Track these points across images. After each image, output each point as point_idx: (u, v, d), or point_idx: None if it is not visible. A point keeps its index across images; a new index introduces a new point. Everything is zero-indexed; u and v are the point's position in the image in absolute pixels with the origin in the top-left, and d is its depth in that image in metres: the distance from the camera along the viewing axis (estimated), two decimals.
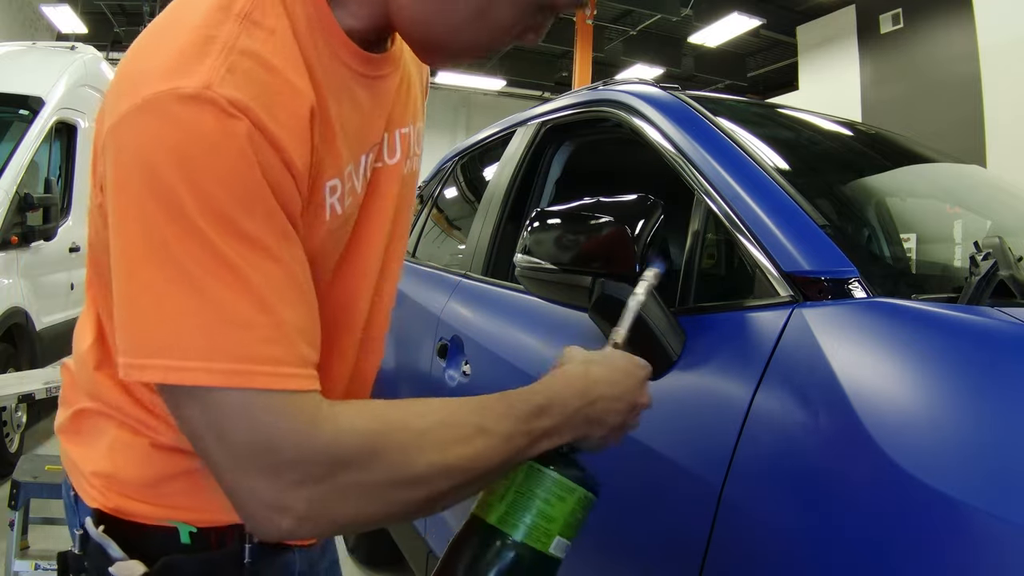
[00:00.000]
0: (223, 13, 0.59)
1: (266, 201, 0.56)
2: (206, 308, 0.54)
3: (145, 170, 0.54)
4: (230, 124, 0.54)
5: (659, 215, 1.03)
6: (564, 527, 0.69)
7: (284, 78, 0.59)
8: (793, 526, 0.82)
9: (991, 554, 0.65)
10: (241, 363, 0.54)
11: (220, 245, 0.54)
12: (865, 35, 9.43)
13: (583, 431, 0.71)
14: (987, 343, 0.83)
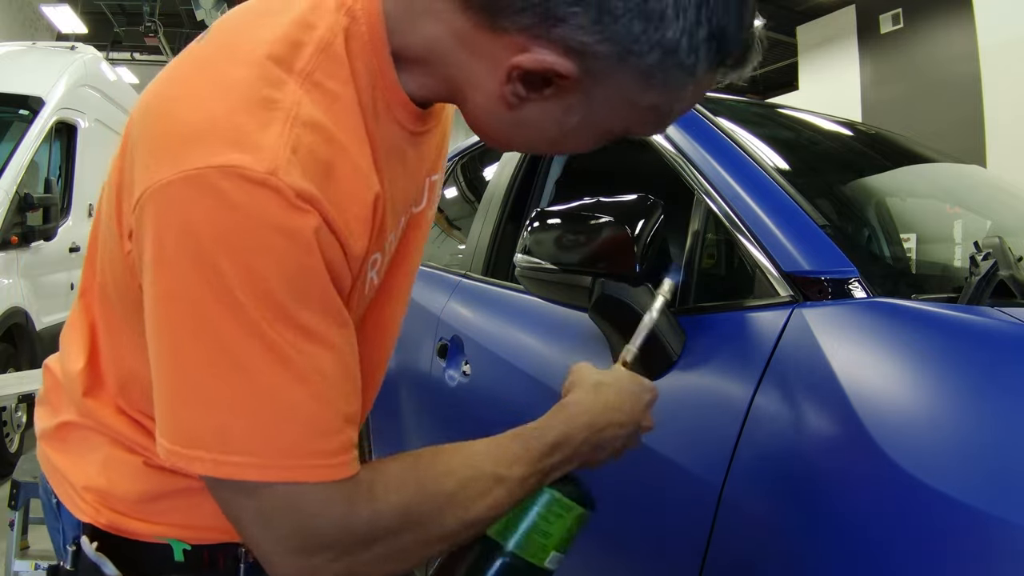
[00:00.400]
0: (283, 68, 0.55)
1: (326, 292, 0.54)
2: (258, 401, 0.52)
3: (197, 254, 0.50)
4: (297, 218, 0.51)
5: (659, 215, 1.03)
6: (559, 542, 0.71)
7: (350, 158, 0.56)
8: (793, 526, 0.82)
9: (991, 554, 0.65)
10: (292, 458, 0.53)
11: (275, 337, 0.51)
12: (865, 35, 9.43)
13: (589, 457, 0.72)
14: (987, 343, 0.83)
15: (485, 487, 0.62)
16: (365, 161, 0.57)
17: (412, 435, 2.12)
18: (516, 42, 0.55)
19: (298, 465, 0.53)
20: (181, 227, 0.50)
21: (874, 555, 0.72)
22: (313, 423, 0.53)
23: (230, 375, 0.51)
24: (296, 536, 0.54)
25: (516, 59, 0.55)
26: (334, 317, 0.55)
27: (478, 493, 0.62)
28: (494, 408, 1.61)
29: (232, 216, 0.50)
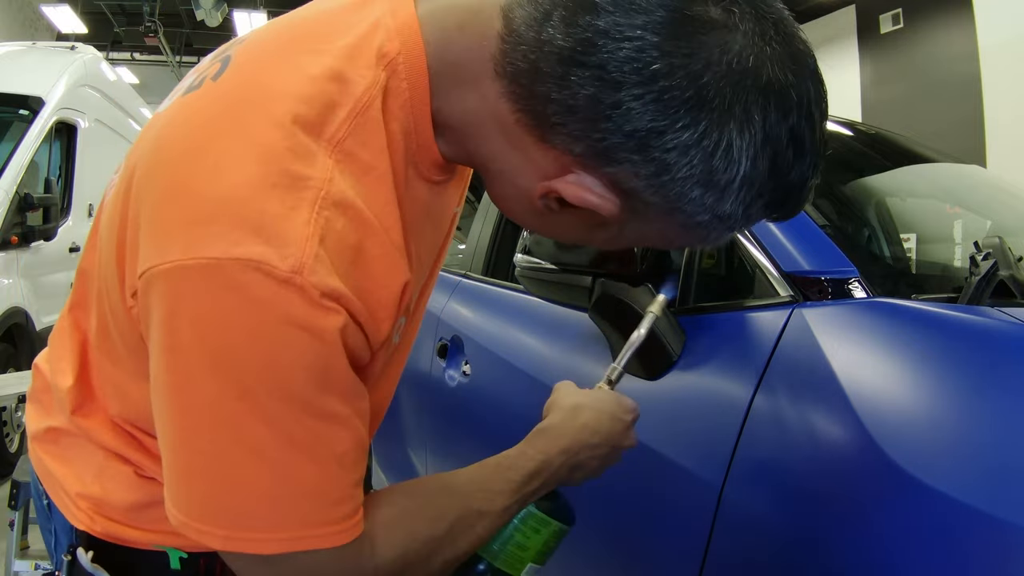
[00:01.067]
0: (313, 135, 0.50)
1: (346, 379, 0.53)
2: (274, 483, 0.52)
3: (215, 350, 0.49)
4: (322, 318, 0.49)
5: None
6: (537, 555, 0.72)
7: (380, 240, 0.53)
8: (793, 526, 0.82)
9: (991, 554, 0.65)
10: (306, 529, 0.53)
11: (294, 427, 0.51)
12: (865, 35, 9.43)
13: (566, 478, 0.73)
14: (987, 343, 0.83)
15: (470, 524, 0.63)
16: (396, 239, 0.54)
17: (412, 435, 2.12)
18: (562, 161, 0.53)
19: (312, 535, 0.53)
20: (196, 319, 0.48)
21: (874, 555, 0.72)
22: (326, 496, 0.53)
23: (246, 460, 0.51)
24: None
25: (557, 184, 0.54)
26: (351, 399, 0.54)
27: (463, 531, 0.63)
28: (494, 408, 1.61)
29: (253, 313, 0.47)
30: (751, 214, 0.55)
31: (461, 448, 1.81)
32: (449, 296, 2.03)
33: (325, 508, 0.53)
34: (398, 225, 0.54)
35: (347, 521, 0.54)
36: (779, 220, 0.60)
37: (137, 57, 14.46)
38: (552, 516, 0.73)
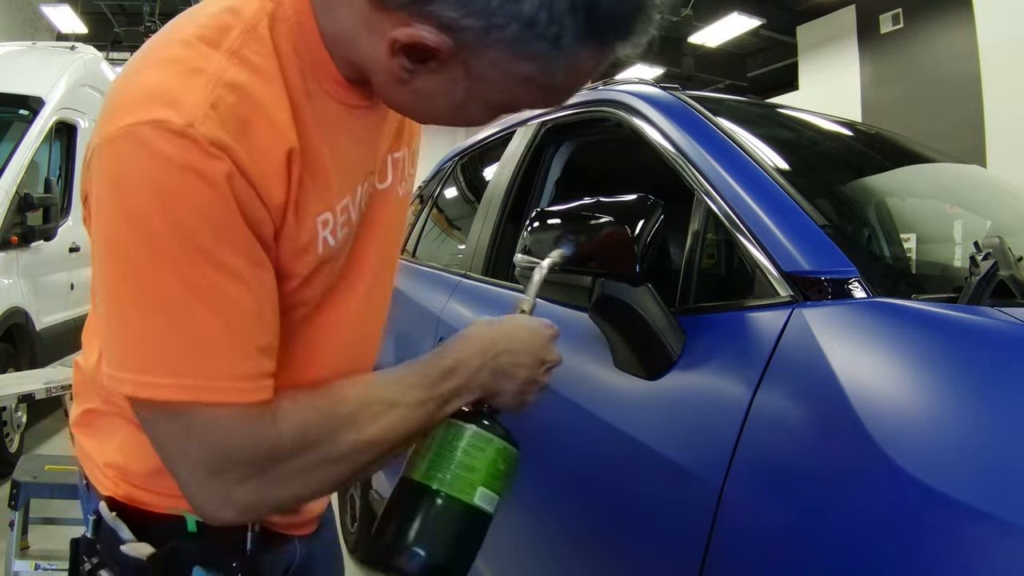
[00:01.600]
0: (212, 46, 0.61)
1: (241, 234, 0.59)
2: (178, 331, 0.58)
3: (124, 199, 0.57)
4: (211, 164, 0.57)
5: (659, 215, 1.03)
6: (487, 477, 0.73)
7: (267, 115, 0.61)
8: (793, 526, 0.82)
9: (991, 555, 0.65)
10: (208, 380, 0.59)
11: (194, 274, 0.57)
12: (865, 35, 9.43)
13: (492, 386, 0.76)
14: (987, 343, 0.83)
15: (379, 411, 0.68)
16: (283, 118, 0.62)
17: None
18: (399, 18, 0.60)
19: (213, 387, 0.59)
20: (114, 177, 0.58)
21: (874, 555, 0.72)
22: (229, 351, 0.59)
23: (154, 309, 0.58)
24: (208, 456, 0.61)
25: (394, 33, 0.60)
26: (249, 258, 0.60)
27: (372, 416, 0.67)
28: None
29: (156, 163, 0.56)
30: (561, 20, 0.58)
31: None
32: (449, 296, 2.03)
33: (227, 363, 0.59)
34: (286, 108, 0.63)
35: (249, 381, 0.60)
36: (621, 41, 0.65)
37: None
38: (492, 432, 0.75)
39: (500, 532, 1.57)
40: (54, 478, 2.38)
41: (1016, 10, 6.07)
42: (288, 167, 0.63)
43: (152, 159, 0.56)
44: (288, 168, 0.63)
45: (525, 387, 0.78)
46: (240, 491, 0.62)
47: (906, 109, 8.26)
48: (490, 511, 0.74)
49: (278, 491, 0.64)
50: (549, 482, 1.35)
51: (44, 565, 2.37)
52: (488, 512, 0.74)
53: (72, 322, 4.77)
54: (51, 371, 3.79)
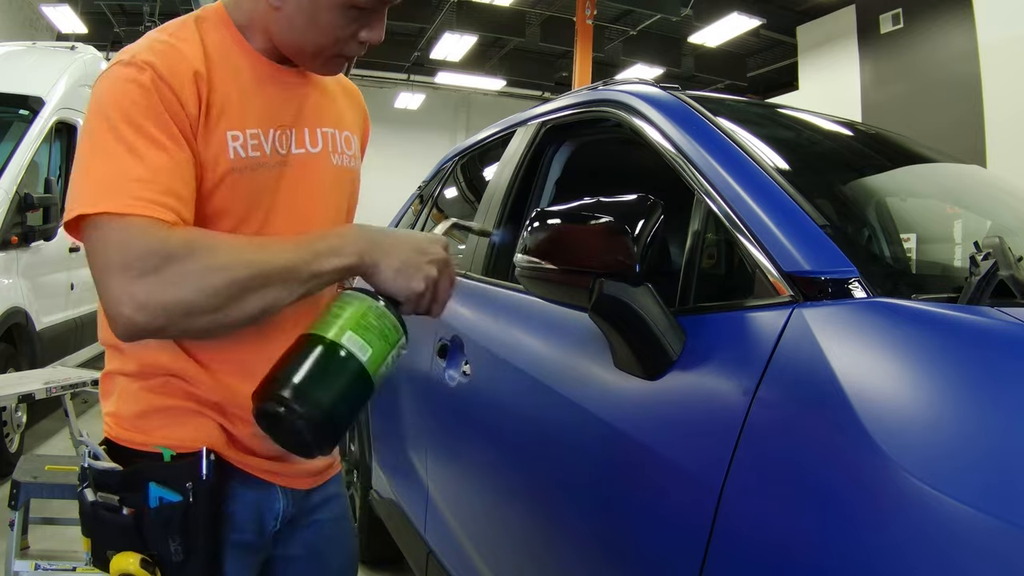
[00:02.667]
0: (160, 33, 0.95)
1: (162, 118, 0.87)
2: (113, 171, 0.83)
3: (96, 104, 0.88)
4: (142, 74, 0.87)
5: (659, 215, 1.03)
6: (354, 324, 0.85)
7: (182, 55, 0.91)
8: (793, 526, 0.82)
9: (991, 555, 0.65)
10: (123, 198, 0.81)
11: (129, 137, 0.84)
12: (865, 35, 9.43)
13: (368, 255, 0.90)
14: (987, 343, 0.83)
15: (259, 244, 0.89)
16: (194, 57, 0.92)
17: (412, 435, 2.12)
18: None
19: (126, 203, 0.81)
20: (94, 97, 0.89)
21: (874, 555, 0.72)
22: (145, 184, 0.83)
23: (100, 159, 0.84)
24: (118, 256, 0.81)
25: None
26: (168, 134, 0.87)
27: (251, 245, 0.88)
28: (494, 408, 1.61)
29: (114, 82, 0.88)
30: None
31: (461, 448, 1.81)
32: None
33: (139, 189, 0.82)
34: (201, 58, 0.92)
35: (155, 204, 0.82)
36: None
37: None
38: (365, 294, 0.88)
39: (500, 532, 1.58)
40: (54, 478, 2.38)
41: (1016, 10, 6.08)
42: (196, 84, 0.90)
43: (112, 79, 0.88)
44: (196, 84, 0.90)
45: (405, 268, 0.91)
46: (138, 286, 0.80)
47: (906, 109, 8.26)
48: (358, 357, 0.83)
49: (164, 291, 0.81)
50: (549, 482, 1.35)
51: (44, 565, 2.37)
52: (355, 356, 0.83)
53: (72, 322, 4.77)
54: (51, 371, 3.79)
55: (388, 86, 16.36)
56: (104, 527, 0.93)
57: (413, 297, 0.91)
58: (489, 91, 16.43)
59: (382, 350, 0.85)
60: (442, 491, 1.89)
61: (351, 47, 0.97)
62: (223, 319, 0.84)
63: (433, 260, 0.92)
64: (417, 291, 0.91)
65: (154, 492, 0.91)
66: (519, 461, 1.47)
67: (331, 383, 0.83)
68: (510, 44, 14.40)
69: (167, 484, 0.91)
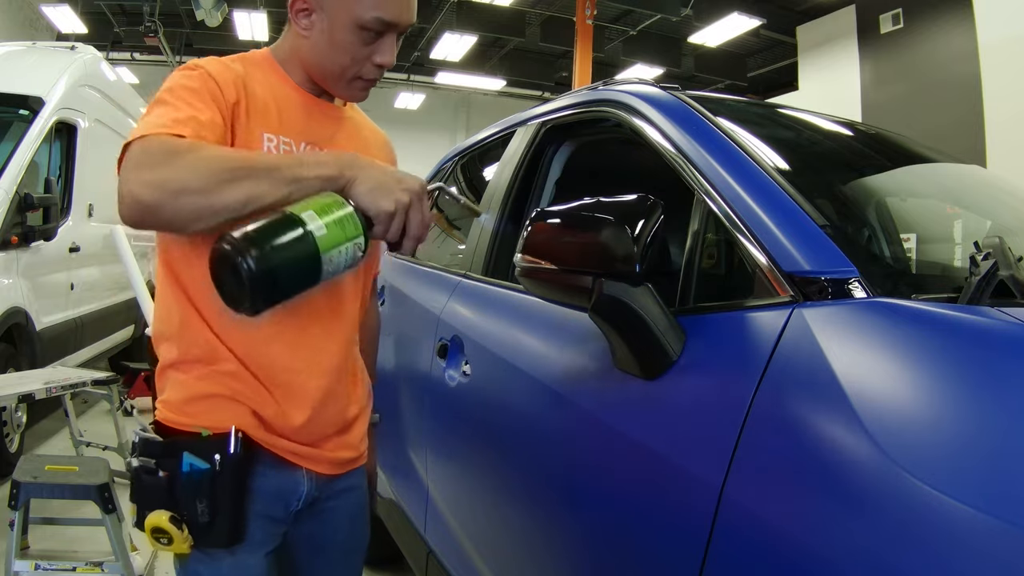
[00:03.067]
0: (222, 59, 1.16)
1: (204, 95, 1.06)
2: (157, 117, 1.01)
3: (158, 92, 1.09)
4: (193, 70, 1.10)
5: (659, 215, 1.03)
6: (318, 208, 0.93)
7: (229, 67, 1.12)
8: (793, 526, 0.82)
9: (991, 555, 0.65)
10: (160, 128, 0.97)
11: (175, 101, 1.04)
12: (865, 35, 9.43)
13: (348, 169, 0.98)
14: (987, 343, 0.83)
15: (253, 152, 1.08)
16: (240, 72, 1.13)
17: (412, 435, 2.12)
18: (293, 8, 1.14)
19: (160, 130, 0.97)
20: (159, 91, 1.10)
21: (874, 555, 0.72)
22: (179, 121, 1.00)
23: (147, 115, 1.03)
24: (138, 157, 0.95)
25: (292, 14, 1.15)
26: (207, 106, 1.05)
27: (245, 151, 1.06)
28: (494, 408, 1.61)
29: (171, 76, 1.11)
30: None
31: (461, 448, 1.81)
32: (449, 296, 2.03)
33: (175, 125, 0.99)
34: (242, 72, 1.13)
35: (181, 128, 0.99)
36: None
37: (137, 57, 14.45)
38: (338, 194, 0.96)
39: (500, 532, 1.58)
40: (54, 478, 2.38)
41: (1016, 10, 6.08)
42: (236, 86, 1.10)
43: (172, 76, 1.11)
44: (236, 86, 1.10)
45: (379, 187, 0.98)
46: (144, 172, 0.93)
47: (906, 109, 8.26)
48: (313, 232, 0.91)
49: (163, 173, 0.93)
50: (549, 482, 1.35)
51: (44, 565, 2.37)
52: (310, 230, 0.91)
53: (72, 322, 4.77)
54: (51, 371, 3.80)
55: (388, 86, 16.36)
56: (144, 489, 1.07)
57: (383, 216, 0.97)
58: (489, 91, 16.44)
59: (336, 236, 0.93)
60: (442, 491, 1.89)
61: (368, 69, 1.14)
62: (209, 202, 0.93)
63: (407, 189, 0.99)
64: (387, 210, 0.97)
65: (187, 460, 1.06)
66: (519, 461, 1.47)
67: (280, 244, 0.90)
68: (510, 44, 14.40)
69: (198, 454, 1.06)
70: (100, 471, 2.43)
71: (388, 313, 2.56)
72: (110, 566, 2.38)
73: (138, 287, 4.93)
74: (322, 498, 1.20)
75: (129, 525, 2.42)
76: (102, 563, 2.40)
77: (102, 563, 2.40)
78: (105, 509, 2.32)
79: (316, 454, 1.16)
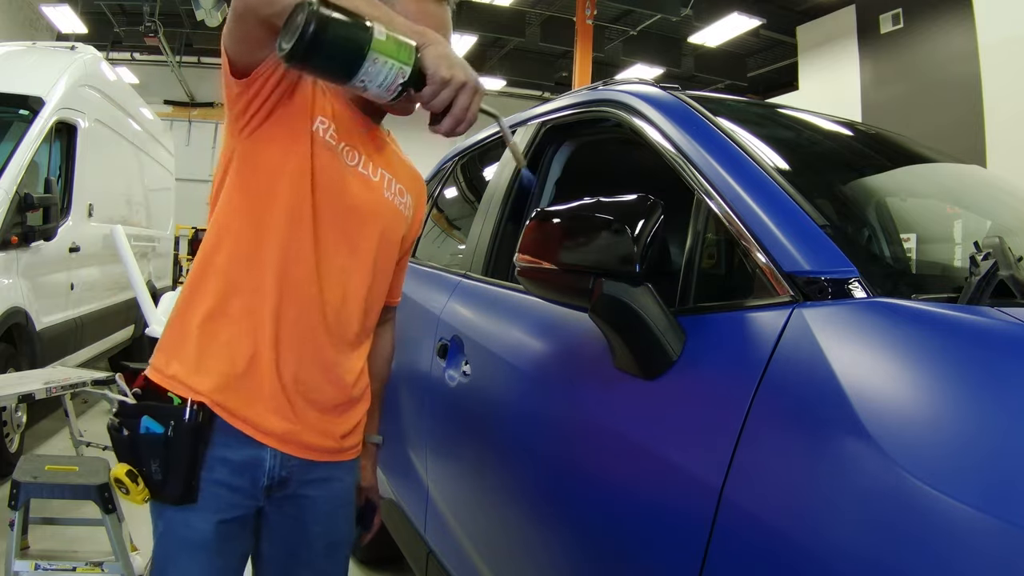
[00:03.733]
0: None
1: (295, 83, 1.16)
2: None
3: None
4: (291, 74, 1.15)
5: (659, 215, 1.03)
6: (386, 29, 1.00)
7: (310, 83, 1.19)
8: (793, 526, 0.82)
9: (991, 555, 0.65)
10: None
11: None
12: (865, 35, 9.43)
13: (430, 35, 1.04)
14: (987, 343, 0.83)
15: None
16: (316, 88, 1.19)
17: (412, 435, 2.12)
18: None
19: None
20: None
21: (873, 555, 0.72)
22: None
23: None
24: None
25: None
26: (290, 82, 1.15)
27: None
28: (494, 408, 1.61)
29: None
30: None
31: (461, 448, 1.81)
32: (449, 296, 2.03)
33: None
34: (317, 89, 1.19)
35: None
36: None
37: (137, 57, 14.44)
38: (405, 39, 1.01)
39: (500, 532, 1.58)
40: (54, 478, 2.38)
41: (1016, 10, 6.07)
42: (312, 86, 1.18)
43: None
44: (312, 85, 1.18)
45: (447, 57, 1.03)
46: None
47: (906, 109, 8.26)
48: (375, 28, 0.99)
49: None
50: (549, 482, 1.35)
51: (44, 565, 2.37)
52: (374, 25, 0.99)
53: (72, 322, 4.77)
54: (51, 371, 3.79)
55: None
56: (114, 443, 1.18)
57: (437, 78, 1.02)
58: (489, 91, 16.37)
59: (389, 48, 0.99)
60: (442, 491, 1.89)
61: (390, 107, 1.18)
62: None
63: (469, 75, 1.04)
64: (443, 75, 1.02)
65: (144, 423, 1.16)
66: (519, 461, 1.47)
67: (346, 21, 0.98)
68: (510, 44, 14.39)
69: (157, 419, 1.16)
70: (100, 471, 2.43)
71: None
72: (110, 566, 2.38)
73: (138, 287, 4.93)
74: (295, 482, 1.23)
75: (129, 525, 2.43)
76: (102, 563, 2.40)
77: (102, 563, 2.40)
78: (105, 509, 2.32)
79: (286, 434, 1.20)
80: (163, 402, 1.17)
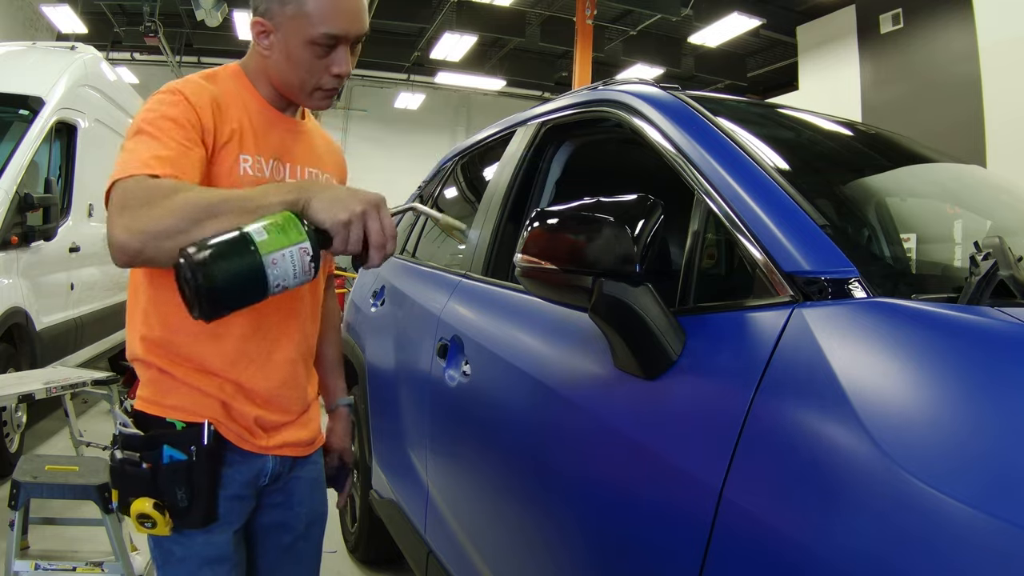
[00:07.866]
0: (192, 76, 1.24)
1: (185, 125, 1.13)
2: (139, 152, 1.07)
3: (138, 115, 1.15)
4: (172, 96, 1.16)
5: (659, 215, 1.03)
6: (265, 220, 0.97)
7: (205, 88, 1.20)
8: (793, 526, 0.82)
9: (991, 555, 0.65)
10: (141, 167, 1.04)
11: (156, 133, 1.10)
12: (865, 35, 9.43)
13: (306, 189, 1.02)
14: (987, 343, 0.83)
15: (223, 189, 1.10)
16: (213, 91, 1.20)
17: (412, 435, 2.12)
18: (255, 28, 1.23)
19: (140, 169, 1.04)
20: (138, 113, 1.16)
21: (873, 555, 0.72)
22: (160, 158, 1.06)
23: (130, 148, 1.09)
24: (121, 199, 1.01)
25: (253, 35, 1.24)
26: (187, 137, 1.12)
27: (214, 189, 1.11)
28: (494, 408, 1.61)
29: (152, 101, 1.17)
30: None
31: (461, 448, 1.81)
32: (449, 296, 2.03)
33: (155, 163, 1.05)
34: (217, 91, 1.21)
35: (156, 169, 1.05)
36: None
37: (137, 57, 14.44)
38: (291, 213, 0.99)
39: (500, 532, 1.58)
40: (54, 478, 2.38)
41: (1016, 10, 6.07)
42: (213, 109, 1.17)
43: (152, 100, 1.16)
44: (213, 109, 1.17)
45: (334, 202, 1.00)
46: (127, 217, 0.99)
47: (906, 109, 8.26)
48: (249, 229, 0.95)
49: (146, 221, 0.98)
50: (549, 482, 1.35)
51: (44, 565, 2.37)
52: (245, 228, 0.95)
53: (72, 322, 4.77)
54: (51, 371, 3.79)
55: (388, 86, 16.36)
56: (128, 479, 1.16)
57: (338, 226, 0.99)
58: (489, 91, 16.43)
59: (277, 240, 0.95)
60: (442, 491, 1.89)
61: (326, 80, 1.21)
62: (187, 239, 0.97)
63: (362, 200, 1.01)
64: (341, 219, 0.99)
65: (166, 452, 1.16)
66: (519, 461, 1.47)
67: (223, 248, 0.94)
68: (510, 44, 14.39)
69: (176, 446, 1.16)
70: (100, 471, 2.43)
71: (388, 313, 2.56)
72: (110, 566, 2.38)
73: None
74: (286, 474, 1.31)
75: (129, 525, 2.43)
76: (102, 563, 2.40)
77: (102, 563, 2.40)
78: (105, 509, 2.32)
79: (280, 441, 1.26)
80: (166, 428, 1.17)
